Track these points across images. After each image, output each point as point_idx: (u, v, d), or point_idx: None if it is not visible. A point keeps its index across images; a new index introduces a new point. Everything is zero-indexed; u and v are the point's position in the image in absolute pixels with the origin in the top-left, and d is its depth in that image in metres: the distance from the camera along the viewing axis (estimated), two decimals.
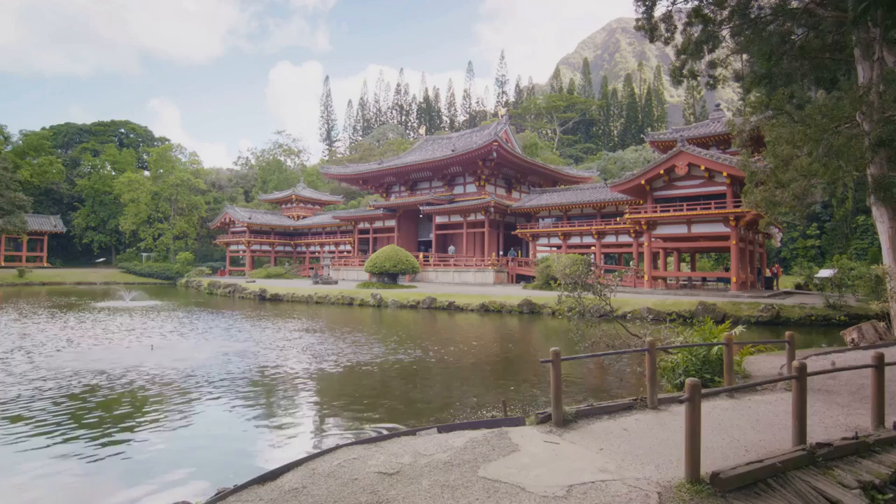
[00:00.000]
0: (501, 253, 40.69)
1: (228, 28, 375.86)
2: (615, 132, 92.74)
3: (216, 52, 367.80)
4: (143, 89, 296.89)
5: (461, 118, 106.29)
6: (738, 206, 25.58)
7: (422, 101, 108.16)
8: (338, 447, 4.61)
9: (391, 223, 46.16)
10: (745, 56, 18.19)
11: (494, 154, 38.34)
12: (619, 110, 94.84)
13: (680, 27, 18.50)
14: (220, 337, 15.61)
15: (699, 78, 17.74)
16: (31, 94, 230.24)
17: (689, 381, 3.60)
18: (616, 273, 8.62)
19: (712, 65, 17.77)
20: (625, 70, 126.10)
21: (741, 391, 6.13)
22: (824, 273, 29.08)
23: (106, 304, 27.83)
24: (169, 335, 15.70)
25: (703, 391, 6.37)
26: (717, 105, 34.13)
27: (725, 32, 17.56)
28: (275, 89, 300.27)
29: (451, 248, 41.92)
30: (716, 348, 7.16)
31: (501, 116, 45.02)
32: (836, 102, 11.71)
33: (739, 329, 7.43)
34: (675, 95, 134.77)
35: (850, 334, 9.74)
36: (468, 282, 37.60)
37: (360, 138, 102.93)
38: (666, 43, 19.20)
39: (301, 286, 35.82)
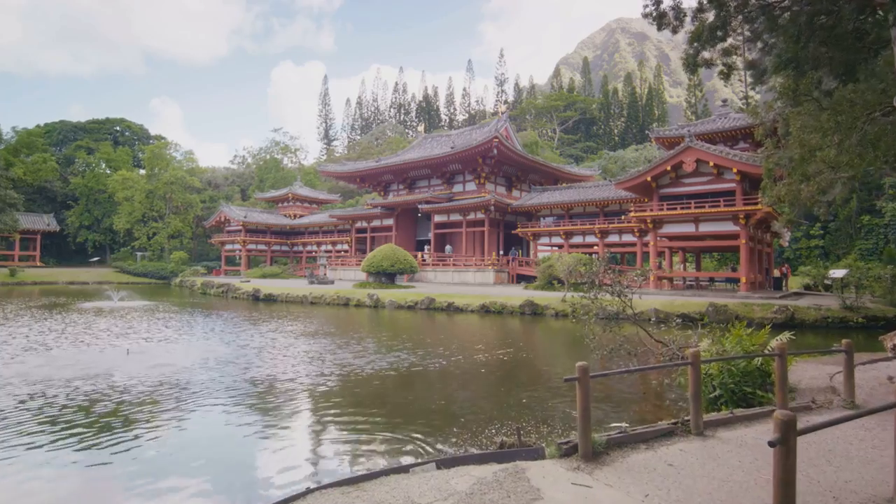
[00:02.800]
0: (502, 252, 39.68)
1: (233, 28, 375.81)
2: (615, 132, 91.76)
3: (220, 53, 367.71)
4: (147, 89, 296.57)
5: (460, 117, 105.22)
6: (748, 204, 24.69)
7: (421, 99, 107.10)
8: (308, 492, 3.63)
9: (389, 222, 45.15)
10: (758, 44, 17.40)
11: (495, 151, 37.34)
12: (620, 109, 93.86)
13: (690, 15, 17.66)
14: (205, 340, 14.62)
15: (713, 66, 16.90)
16: (33, 93, 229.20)
17: (779, 414, 2.63)
18: (640, 271, 7.73)
19: (726, 52, 16.83)
20: (624, 70, 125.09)
21: (804, 412, 5.17)
22: (835, 273, 28.13)
23: (92, 304, 26.79)
24: (150, 338, 14.70)
25: (746, 412, 5.41)
26: (725, 100, 33.21)
27: (741, 18, 16.71)
28: (277, 89, 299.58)
29: (448, 248, 40.92)
30: (758, 358, 6.22)
31: (502, 113, 44.03)
32: (870, 88, 10.76)
33: (787, 335, 6.48)
34: (674, 96, 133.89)
35: (892, 339, 8.83)
36: (468, 282, 36.62)
37: (359, 137, 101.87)
38: (674, 32, 18.32)
39: (296, 286, 34.82)
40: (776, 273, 31.26)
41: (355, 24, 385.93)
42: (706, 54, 17.00)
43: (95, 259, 69.07)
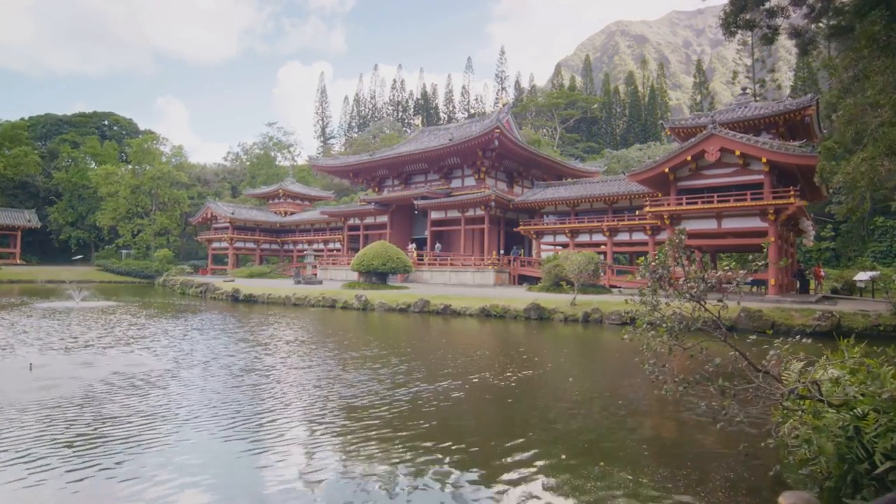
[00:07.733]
0: (502, 252, 37.07)
1: (244, 29, 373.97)
2: (617, 131, 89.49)
3: (230, 53, 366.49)
4: (154, 89, 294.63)
5: (459, 115, 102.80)
6: (777, 198, 22.25)
7: (419, 97, 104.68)
8: None
9: (383, 219, 42.55)
10: (803, 9, 15.07)
11: (496, 143, 34.81)
12: (622, 109, 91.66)
13: None
14: (139, 349, 11.92)
15: (754, 28, 14.50)
16: (40, 92, 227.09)
17: None
18: (751, 264, 5.44)
19: (771, 13, 14.50)
20: (624, 72, 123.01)
21: None
22: (867, 276, 25.65)
23: (49, 304, 24.15)
24: (71, 348, 12.00)
25: None
26: (745, 89, 30.76)
27: None
28: (282, 89, 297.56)
29: (437, 246, 38.40)
30: None
31: (504, 106, 41.46)
32: None
33: None
34: (673, 98, 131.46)
35: None
36: (466, 283, 34.05)
37: (356, 135, 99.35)
38: None
39: (282, 286, 32.21)
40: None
41: (367, 25, 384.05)
42: (747, 15, 14.66)
43: (79, 257, 66.24)
